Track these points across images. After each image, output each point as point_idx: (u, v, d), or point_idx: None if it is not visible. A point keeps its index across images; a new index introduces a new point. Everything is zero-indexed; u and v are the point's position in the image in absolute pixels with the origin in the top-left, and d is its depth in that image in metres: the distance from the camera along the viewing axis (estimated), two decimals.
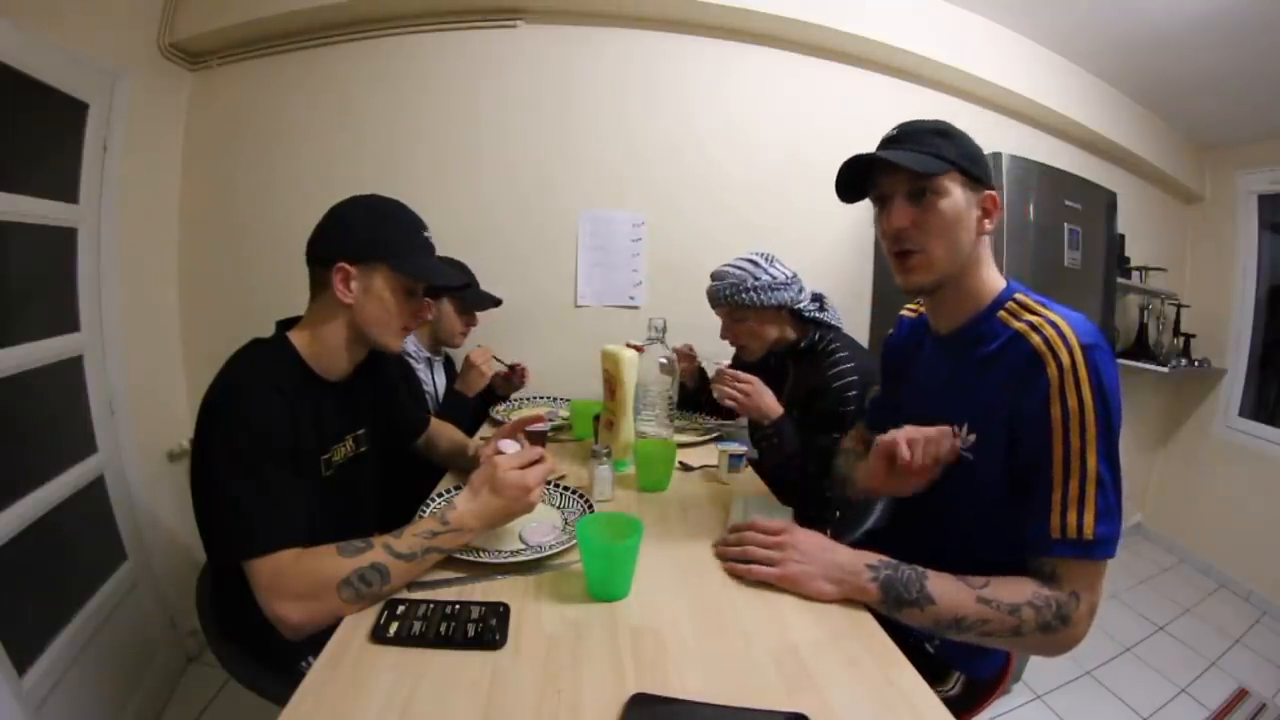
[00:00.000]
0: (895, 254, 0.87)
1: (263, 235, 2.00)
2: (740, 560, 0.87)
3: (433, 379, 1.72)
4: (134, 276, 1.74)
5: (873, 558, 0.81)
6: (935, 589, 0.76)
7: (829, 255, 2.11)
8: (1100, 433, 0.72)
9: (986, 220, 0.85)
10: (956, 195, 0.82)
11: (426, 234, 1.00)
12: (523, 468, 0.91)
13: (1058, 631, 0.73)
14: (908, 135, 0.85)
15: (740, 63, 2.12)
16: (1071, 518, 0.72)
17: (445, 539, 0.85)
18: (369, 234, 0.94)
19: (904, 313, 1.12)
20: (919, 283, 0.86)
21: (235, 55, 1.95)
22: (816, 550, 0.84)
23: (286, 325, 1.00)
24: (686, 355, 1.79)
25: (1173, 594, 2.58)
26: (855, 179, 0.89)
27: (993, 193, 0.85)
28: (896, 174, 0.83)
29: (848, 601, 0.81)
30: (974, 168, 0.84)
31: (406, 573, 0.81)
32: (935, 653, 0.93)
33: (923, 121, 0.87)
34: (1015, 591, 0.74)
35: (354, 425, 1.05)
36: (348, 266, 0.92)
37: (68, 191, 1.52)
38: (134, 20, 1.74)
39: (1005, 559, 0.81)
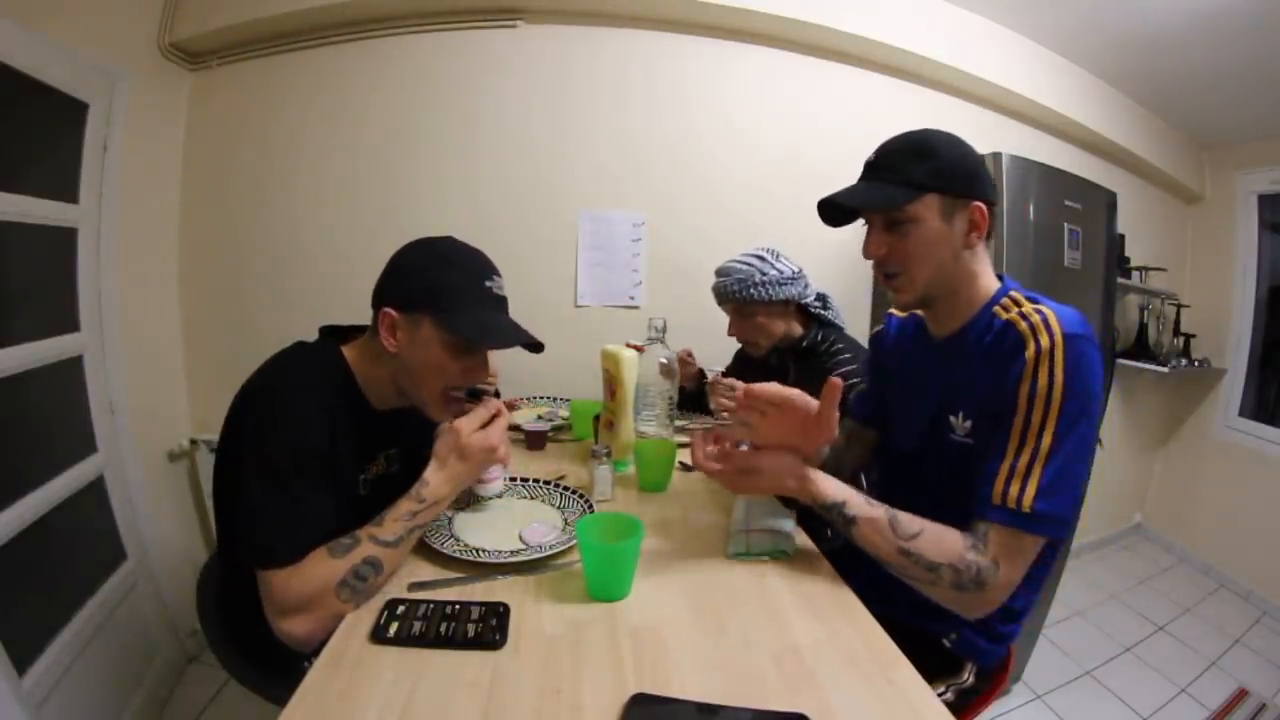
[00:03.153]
0: (882, 275, 0.92)
1: (263, 235, 2.00)
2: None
3: None
4: (134, 276, 1.74)
5: (836, 488, 0.85)
6: (859, 534, 0.82)
7: (829, 256, 2.10)
8: (1063, 415, 0.74)
9: (974, 234, 0.85)
10: (931, 221, 0.83)
11: (489, 284, 0.91)
12: (483, 427, 0.90)
13: (970, 594, 0.76)
14: (883, 160, 0.87)
15: (740, 63, 2.12)
16: (1014, 488, 0.74)
17: (425, 514, 0.86)
18: (419, 280, 0.89)
19: (893, 311, 1.14)
20: (903, 301, 0.91)
21: (235, 55, 1.95)
22: (778, 470, 0.87)
23: (330, 332, 0.97)
24: (685, 360, 1.78)
25: (1173, 594, 2.58)
26: (839, 210, 0.92)
27: (980, 204, 0.84)
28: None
29: (848, 602, 0.81)
30: (954, 185, 0.83)
31: (397, 558, 0.83)
32: (952, 647, 0.93)
33: (905, 138, 0.87)
34: (941, 550, 0.77)
35: (388, 444, 1.04)
36: (392, 312, 0.88)
37: (68, 191, 1.52)
38: (134, 20, 1.74)
39: None
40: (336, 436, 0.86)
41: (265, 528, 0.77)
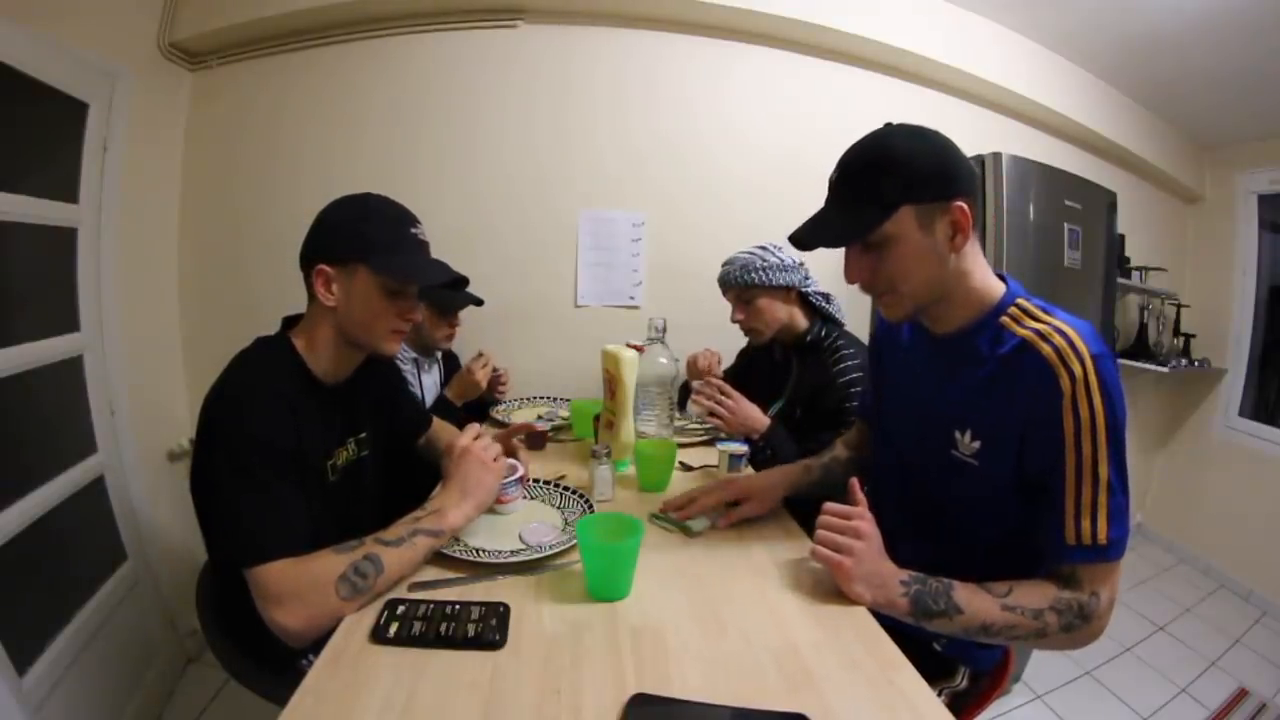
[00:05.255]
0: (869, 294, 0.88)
1: (262, 235, 2.00)
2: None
3: (419, 380, 1.71)
4: (134, 276, 1.74)
5: (905, 574, 0.80)
6: (961, 599, 0.76)
7: (829, 255, 2.11)
8: (1110, 440, 0.73)
9: (959, 236, 0.79)
10: (910, 234, 0.78)
11: (414, 230, 0.95)
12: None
13: (1080, 629, 0.75)
14: (849, 178, 0.82)
15: (740, 63, 2.12)
16: (1085, 524, 0.73)
17: (429, 520, 0.87)
18: (348, 234, 0.91)
19: None
20: (897, 316, 0.87)
21: (235, 55, 1.95)
22: (875, 552, 0.81)
23: (292, 322, 0.99)
24: (713, 355, 1.76)
25: (1173, 594, 2.58)
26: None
27: (960, 204, 0.78)
28: None
29: (848, 602, 0.81)
30: (927, 192, 0.77)
31: (399, 560, 0.82)
32: (943, 650, 0.93)
33: (866, 149, 0.82)
34: (1038, 597, 0.75)
35: (355, 428, 1.05)
36: (327, 268, 0.90)
37: (68, 191, 1.52)
38: (134, 20, 1.74)
39: (1007, 560, 0.81)
40: (299, 424, 0.87)
41: (244, 525, 0.77)
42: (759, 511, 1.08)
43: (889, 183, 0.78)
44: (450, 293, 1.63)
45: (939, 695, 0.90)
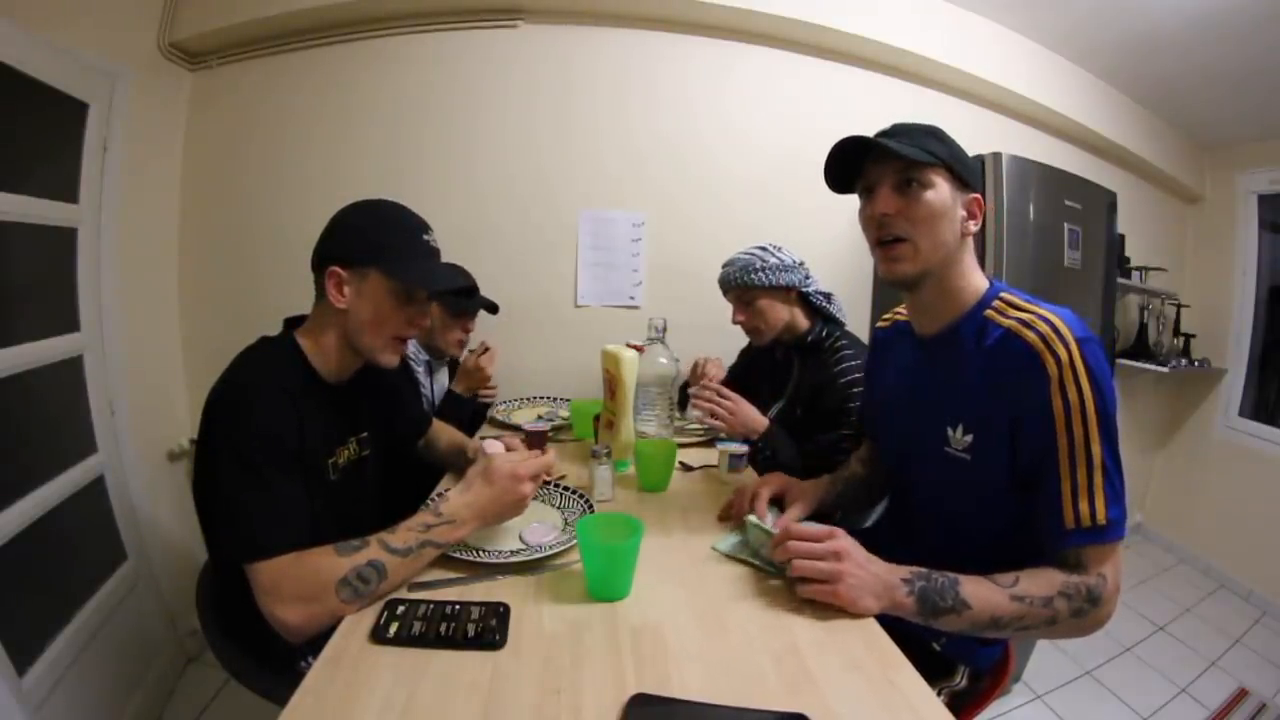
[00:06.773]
0: (879, 243, 0.87)
1: (262, 235, 2.00)
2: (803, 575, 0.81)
3: (431, 384, 1.72)
4: (134, 276, 1.74)
5: (905, 571, 0.78)
6: (969, 594, 0.75)
7: (829, 255, 2.12)
8: (1101, 422, 0.74)
9: (971, 222, 0.86)
10: (943, 190, 0.83)
11: (428, 237, 0.97)
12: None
13: (1089, 614, 0.74)
14: (901, 131, 0.86)
15: (740, 63, 2.12)
16: (1084, 506, 0.74)
17: (440, 532, 0.85)
18: (363, 237, 0.93)
19: (879, 325, 1.13)
20: (903, 272, 0.86)
21: (235, 55, 1.95)
22: (863, 560, 0.79)
23: (295, 323, 1.00)
24: (716, 364, 1.77)
25: (1173, 594, 2.58)
26: (843, 171, 0.90)
27: (978, 196, 0.86)
28: (885, 164, 0.85)
29: None
30: (962, 169, 0.85)
31: (403, 569, 0.81)
32: (942, 650, 0.93)
33: (916, 124, 0.88)
34: (1045, 584, 0.75)
35: (357, 428, 1.05)
36: (339, 270, 0.91)
37: (68, 191, 1.52)
38: (134, 20, 1.74)
39: (1006, 554, 0.81)
40: (302, 422, 0.87)
41: (245, 521, 0.78)
42: (806, 512, 1.05)
43: (938, 145, 0.84)
44: (463, 298, 1.65)
45: (939, 695, 0.91)
